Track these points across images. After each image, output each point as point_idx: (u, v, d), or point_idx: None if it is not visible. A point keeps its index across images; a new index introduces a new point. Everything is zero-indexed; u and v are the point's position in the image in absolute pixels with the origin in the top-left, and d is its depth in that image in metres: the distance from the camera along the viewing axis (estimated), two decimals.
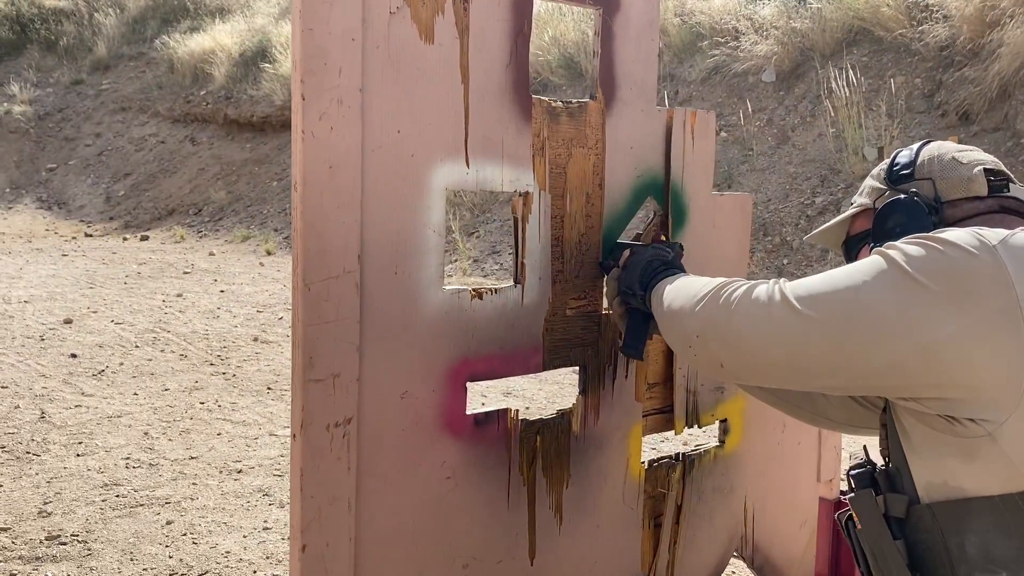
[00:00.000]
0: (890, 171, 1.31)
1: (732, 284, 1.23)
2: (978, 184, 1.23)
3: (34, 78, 15.72)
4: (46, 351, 5.17)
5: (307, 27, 1.36)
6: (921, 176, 1.26)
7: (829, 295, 1.08)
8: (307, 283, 1.43)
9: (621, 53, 1.69)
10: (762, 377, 1.20)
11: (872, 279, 1.05)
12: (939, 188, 1.24)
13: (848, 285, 1.08)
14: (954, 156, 1.27)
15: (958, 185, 1.23)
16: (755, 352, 1.15)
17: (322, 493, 1.47)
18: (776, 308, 1.12)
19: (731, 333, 1.18)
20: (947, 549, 0.99)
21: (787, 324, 1.11)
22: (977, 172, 1.23)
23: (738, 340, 1.17)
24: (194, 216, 12.11)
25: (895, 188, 1.28)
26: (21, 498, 3.03)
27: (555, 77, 10.02)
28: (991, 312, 0.96)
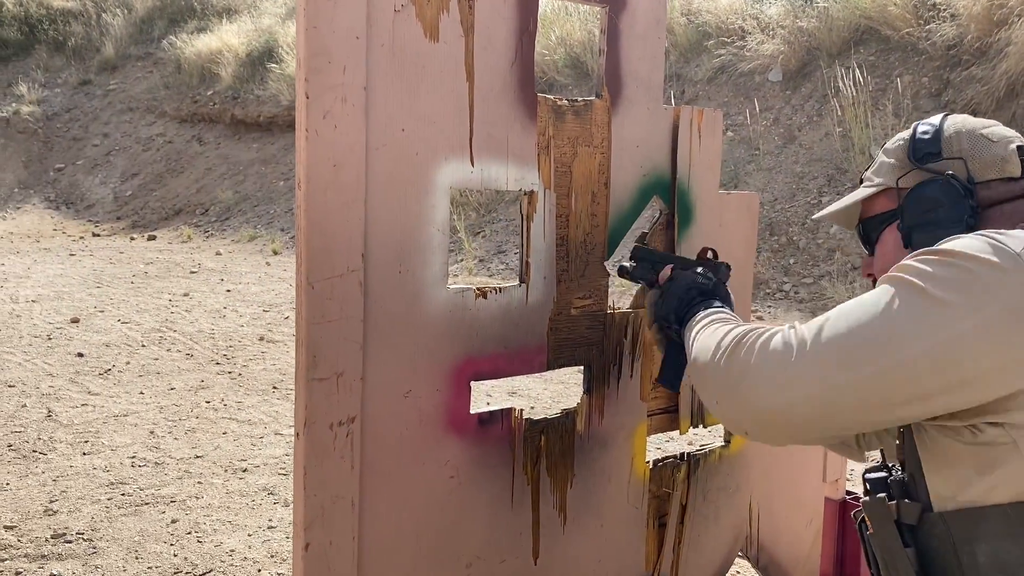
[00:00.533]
0: (913, 148, 1.19)
1: (748, 339, 1.10)
2: (1013, 164, 1.13)
3: (42, 78, 15.77)
4: (53, 350, 5.19)
5: (311, 25, 1.36)
6: (951, 155, 1.16)
7: (853, 343, 0.98)
8: (311, 281, 1.43)
9: (627, 51, 1.68)
10: (790, 437, 1.07)
11: (895, 314, 0.96)
12: (971, 168, 1.14)
13: (871, 326, 0.98)
14: (983, 133, 1.17)
15: (992, 164, 1.14)
16: (778, 416, 1.03)
17: (325, 492, 1.47)
18: (797, 367, 1.02)
19: (751, 400, 1.06)
20: (958, 557, 0.98)
21: (811, 383, 1.00)
22: (1012, 150, 1.14)
23: (758, 406, 1.05)
24: (201, 216, 12.14)
25: (922, 167, 1.17)
26: (27, 496, 3.04)
27: (561, 77, 10.01)
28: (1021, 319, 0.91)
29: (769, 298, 6.37)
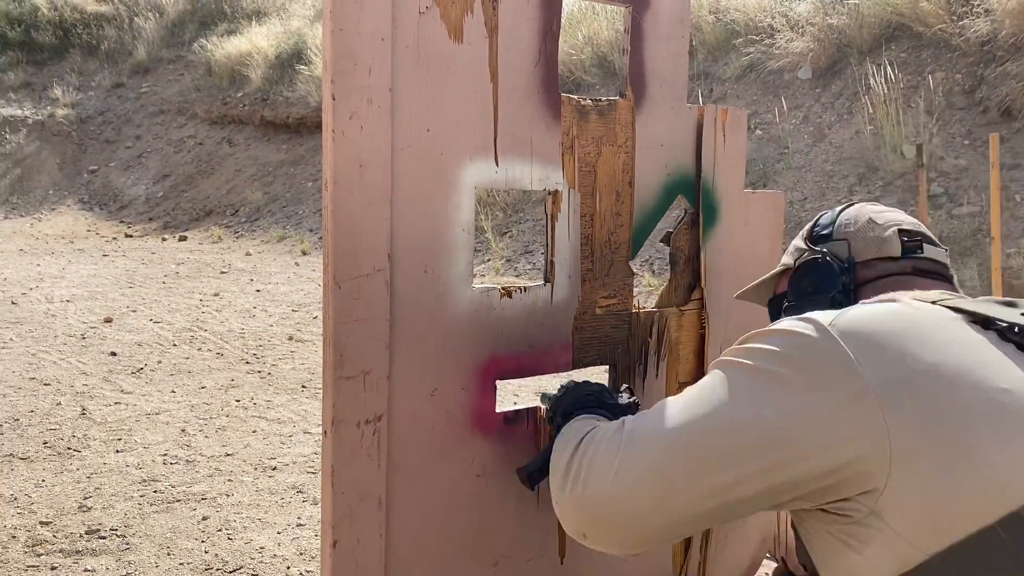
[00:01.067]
0: (811, 231, 1.32)
1: (595, 435, 1.11)
2: (891, 245, 1.22)
3: (76, 82, 16.04)
4: (87, 349, 5.28)
5: (337, 28, 1.38)
6: (838, 236, 1.26)
7: (679, 426, 0.99)
8: (338, 281, 1.44)
9: (651, 51, 1.68)
10: (633, 536, 1.03)
11: (719, 396, 0.98)
12: (853, 248, 1.24)
13: (696, 410, 0.99)
14: (871, 217, 1.26)
15: (871, 245, 1.23)
16: (611, 508, 1.02)
17: (353, 489, 1.49)
18: (625, 455, 1.01)
19: (584, 494, 1.06)
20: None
21: (640, 469, 1.00)
22: (891, 233, 1.23)
23: (590, 498, 1.05)
24: (231, 217, 12.28)
25: (813, 248, 1.29)
26: (62, 493, 3.09)
27: (588, 76, 9.99)
28: (845, 395, 0.90)
29: None
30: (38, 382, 4.53)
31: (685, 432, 0.99)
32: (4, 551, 2.64)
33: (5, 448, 3.54)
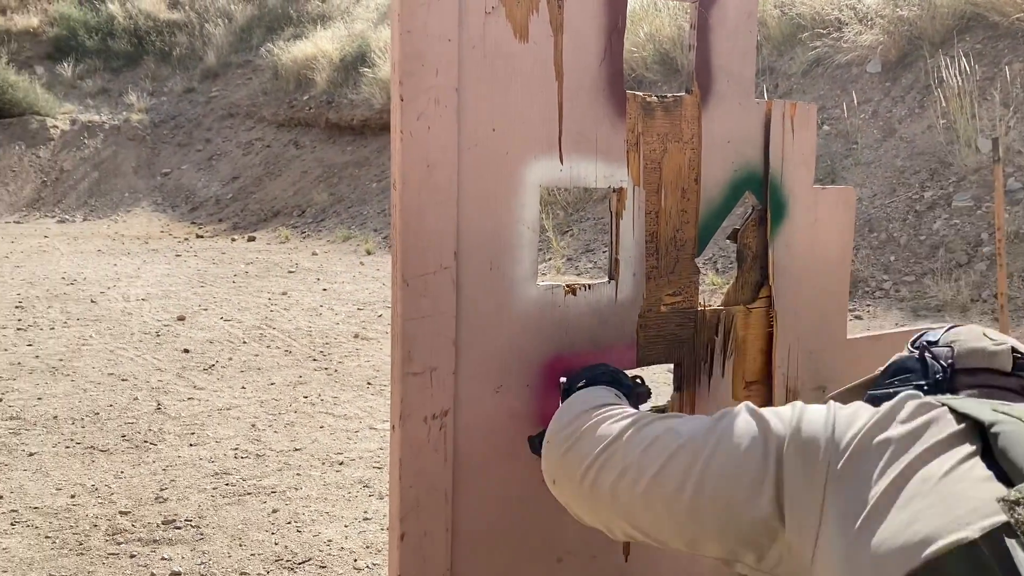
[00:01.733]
0: (915, 339, 1.29)
1: (611, 412, 1.18)
2: (1001, 358, 1.16)
3: (150, 87, 16.58)
4: (161, 346, 5.46)
5: (405, 29, 1.40)
6: (944, 343, 1.22)
7: (668, 439, 1.05)
8: (405, 279, 1.47)
9: (718, 46, 1.66)
10: (585, 503, 1.14)
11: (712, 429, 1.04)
12: (957, 354, 1.19)
13: (687, 433, 1.05)
14: (984, 331, 1.22)
15: (978, 354, 1.17)
16: (578, 470, 1.11)
17: (420, 483, 1.51)
18: (625, 440, 1.09)
19: (572, 447, 1.16)
20: None
21: (625, 457, 1.07)
22: (1003, 348, 1.17)
23: (571, 453, 1.15)
24: (298, 217, 12.53)
25: (911, 349, 1.26)
26: (140, 484, 3.21)
27: (650, 73, 9.92)
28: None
29: (868, 297, 6.16)
30: (116, 377, 4.70)
31: (663, 445, 1.05)
32: (86, 539, 2.76)
33: (86, 441, 3.69)
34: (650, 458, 1.04)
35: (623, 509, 1.06)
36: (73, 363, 4.98)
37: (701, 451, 1.00)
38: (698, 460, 0.99)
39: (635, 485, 1.04)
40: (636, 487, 1.03)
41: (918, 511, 0.77)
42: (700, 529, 0.97)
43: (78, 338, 5.62)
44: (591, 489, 1.10)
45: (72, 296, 7.15)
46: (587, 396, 1.30)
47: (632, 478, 1.04)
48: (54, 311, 6.49)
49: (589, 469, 1.10)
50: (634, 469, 1.05)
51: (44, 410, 4.10)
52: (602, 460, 1.10)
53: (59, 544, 2.71)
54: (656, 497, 1.01)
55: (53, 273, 8.34)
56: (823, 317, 1.98)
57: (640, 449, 1.06)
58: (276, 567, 2.56)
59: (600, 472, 1.09)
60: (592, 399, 1.27)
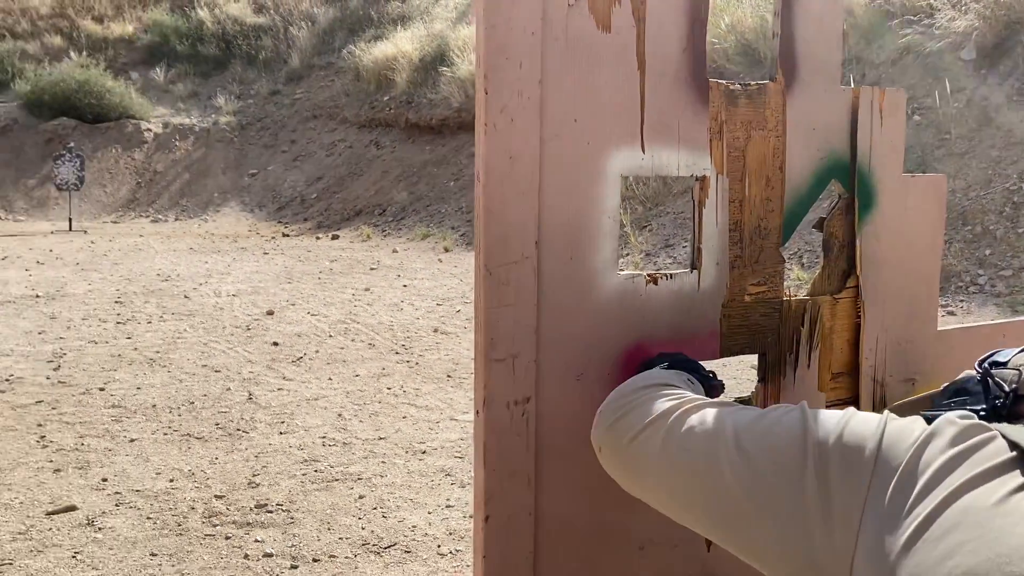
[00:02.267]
0: (985, 358, 1.21)
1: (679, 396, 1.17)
2: None
3: (237, 91, 17.13)
4: (252, 339, 5.66)
5: (490, 24, 1.43)
6: (1012, 366, 1.14)
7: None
8: (488, 268, 1.50)
9: (803, 32, 1.64)
10: (627, 470, 1.16)
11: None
12: (1022, 381, 1.10)
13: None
14: None
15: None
16: (625, 439, 1.12)
17: (503, 467, 1.54)
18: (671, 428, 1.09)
19: (620, 418, 1.17)
20: None
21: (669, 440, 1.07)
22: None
23: (620, 424, 1.16)
24: (379, 216, 12.78)
25: (977, 368, 1.18)
26: (233, 470, 3.35)
27: (732, 65, 9.75)
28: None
29: (961, 292, 5.94)
30: (209, 369, 4.90)
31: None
32: (184, 520, 2.89)
33: (183, 428, 3.86)
34: (694, 438, 1.04)
35: (661, 483, 1.07)
36: (169, 355, 5.21)
37: (743, 436, 0.99)
38: (740, 444, 0.98)
39: (673, 459, 1.05)
40: (673, 461, 1.05)
41: (959, 543, 0.73)
42: (733, 513, 0.95)
43: (173, 331, 5.87)
44: (633, 460, 1.12)
45: (167, 292, 7.47)
46: (652, 374, 1.32)
47: (671, 453, 1.06)
48: (151, 306, 6.80)
49: (633, 440, 1.12)
50: (675, 445, 1.06)
51: (143, 399, 4.30)
52: (648, 433, 1.11)
53: (160, 525, 2.86)
54: (692, 474, 1.01)
55: (149, 270, 8.73)
56: (913, 308, 1.93)
57: (684, 428, 1.07)
58: (363, 551, 2.64)
59: (643, 444, 1.11)
60: (655, 377, 1.30)
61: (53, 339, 5.58)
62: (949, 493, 0.77)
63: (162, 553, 2.66)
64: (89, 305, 6.77)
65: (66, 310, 6.53)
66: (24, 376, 4.69)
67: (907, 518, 0.78)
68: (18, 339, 5.56)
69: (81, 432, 3.80)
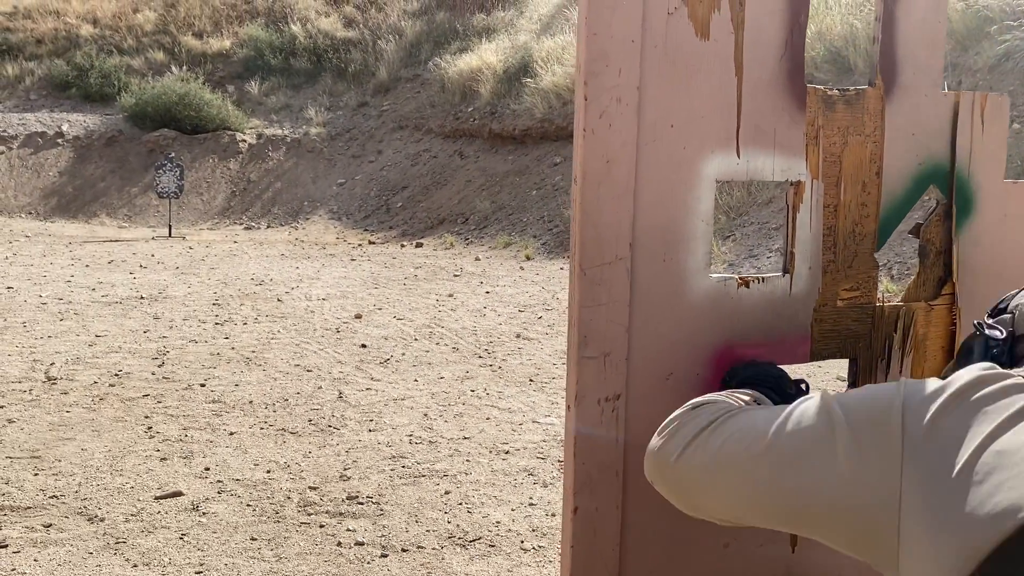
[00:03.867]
0: (995, 305, 1.24)
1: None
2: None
3: (327, 102, 17.65)
4: (341, 341, 5.84)
5: (591, 32, 1.49)
6: (1011, 310, 1.17)
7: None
8: (583, 268, 1.56)
9: (904, 36, 1.65)
10: (687, 487, 1.15)
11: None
12: (1017, 321, 1.13)
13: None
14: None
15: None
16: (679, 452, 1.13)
17: (592, 460, 1.59)
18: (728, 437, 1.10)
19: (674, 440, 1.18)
20: None
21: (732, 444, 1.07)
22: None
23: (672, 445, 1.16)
24: (461, 224, 12.98)
25: (983, 322, 1.20)
26: (326, 464, 3.48)
27: (820, 72, 9.58)
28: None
29: None
30: (302, 368, 5.09)
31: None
32: (281, 509, 3.03)
33: (278, 423, 4.03)
34: (732, 442, 1.06)
35: (712, 492, 1.08)
36: (264, 354, 5.43)
37: (776, 429, 1.01)
38: (775, 435, 1.00)
39: (716, 466, 1.07)
40: (717, 467, 1.06)
41: (1000, 483, 0.77)
42: (780, 499, 0.98)
43: (267, 332, 6.11)
44: (682, 479, 1.14)
45: (261, 295, 7.77)
46: (710, 396, 1.31)
47: (713, 461, 1.08)
48: (246, 308, 7.08)
49: (678, 460, 1.13)
50: (715, 452, 1.08)
51: (241, 395, 4.50)
52: (690, 450, 1.12)
53: (259, 512, 3.00)
54: (739, 473, 1.03)
55: (243, 274, 9.08)
56: None
57: (723, 438, 1.08)
58: (449, 543, 2.72)
59: (688, 460, 1.12)
60: (711, 398, 1.29)
61: (157, 338, 5.88)
62: (982, 440, 0.81)
63: (261, 538, 2.80)
64: (189, 307, 7.09)
65: (168, 311, 6.86)
66: (132, 371, 4.96)
67: (946, 470, 0.82)
68: (125, 337, 5.88)
69: (184, 424, 4.00)
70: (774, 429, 1.01)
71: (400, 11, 18.79)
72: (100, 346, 5.59)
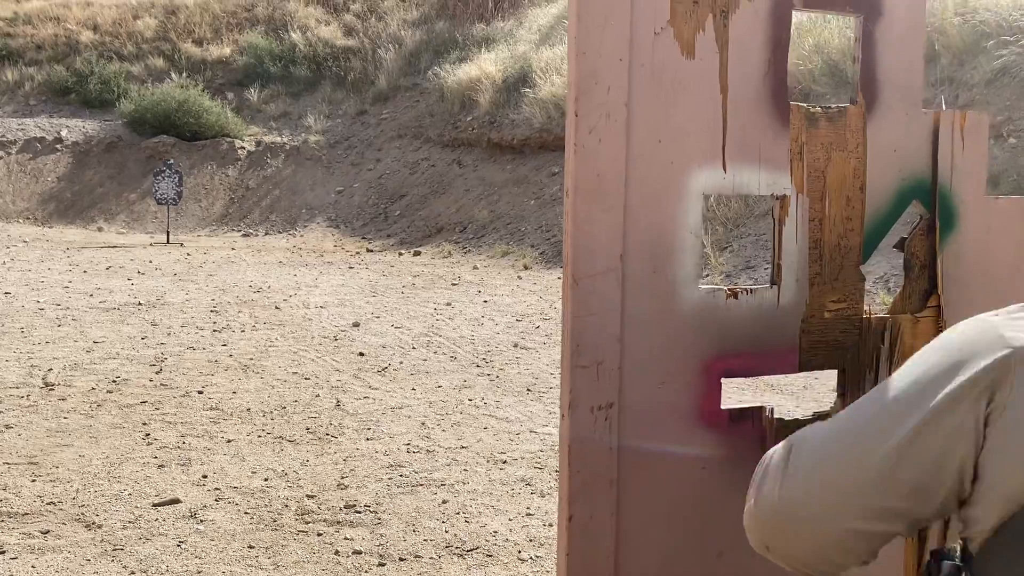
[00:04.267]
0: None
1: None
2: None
3: (326, 110, 17.71)
4: (339, 349, 5.88)
5: (581, 51, 1.53)
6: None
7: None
8: (576, 279, 1.59)
9: (883, 58, 1.70)
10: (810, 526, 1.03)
11: None
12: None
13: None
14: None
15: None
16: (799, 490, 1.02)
17: (586, 469, 1.63)
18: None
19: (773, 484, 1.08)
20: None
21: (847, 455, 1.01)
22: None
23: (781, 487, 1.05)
24: (460, 233, 13.02)
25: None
26: (324, 472, 3.51)
27: (818, 85, 9.64)
28: None
29: None
30: (300, 376, 5.12)
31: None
32: (279, 516, 3.06)
33: (275, 431, 4.06)
34: (816, 459, 1.03)
35: (824, 497, 1.01)
36: (262, 362, 5.46)
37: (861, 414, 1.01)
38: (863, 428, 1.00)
39: (817, 483, 1.01)
40: (819, 484, 1.01)
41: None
42: (895, 486, 0.97)
43: (265, 340, 6.14)
44: (787, 512, 1.04)
45: (259, 302, 7.80)
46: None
47: (813, 464, 1.03)
48: (244, 315, 7.12)
49: (782, 488, 1.05)
50: (814, 457, 1.03)
51: (239, 403, 4.53)
52: (789, 473, 1.05)
53: (256, 520, 3.03)
54: (849, 461, 1.00)
55: (241, 281, 9.11)
56: None
57: (810, 448, 1.04)
58: (447, 552, 2.75)
59: (793, 475, 1.04)
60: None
61: (155, 344, 5.91)
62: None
63: (259, 546, 2.83)
64: (187, 313, 7.12)
65: (166, 318, 6.89)
66: (130, 378, 4.99)
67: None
68: (123, 343, 5.91)
69: (182, 431, 4.03)
70: (863, 423, 0.99)
71: (400, 20, 18.88)
72: (98, 352, 5.62)
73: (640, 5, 1.54)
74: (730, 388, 1.70)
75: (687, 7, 1.57)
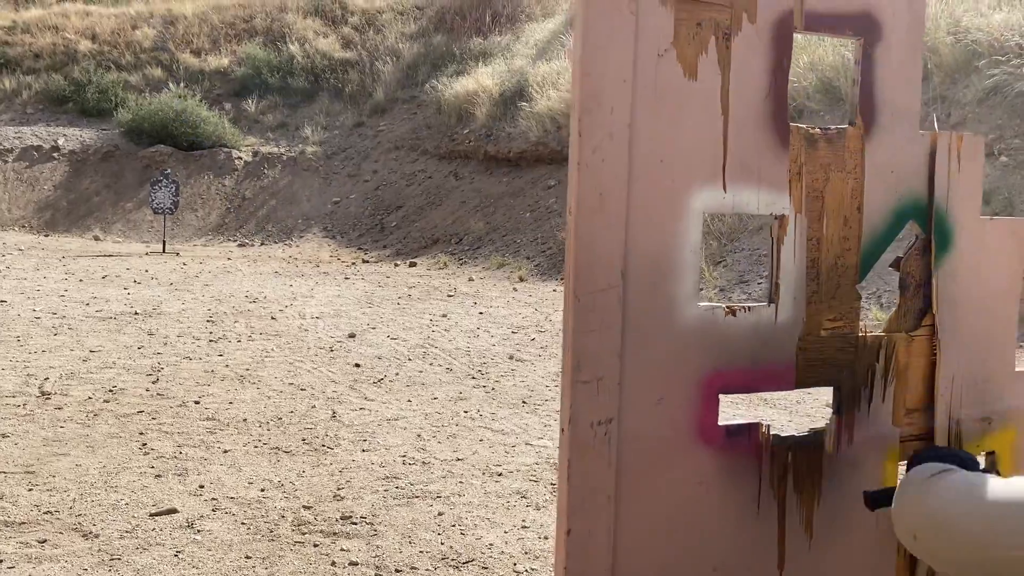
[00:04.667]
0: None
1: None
2: None
3: (323, 122, 17.76)
4: (335, 360, 5.88)
5: (585, 72, 1.56)
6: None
7: None
8: (577, 295, 1.62)
9: (882, 80, 1.73)
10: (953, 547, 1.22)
11: None
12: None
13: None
14: None
15: None
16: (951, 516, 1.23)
17: (585, 484, 1.64)
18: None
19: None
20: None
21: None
22: None
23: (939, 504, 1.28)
24: (456, 245, 13.05)
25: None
26: (319, 483, 3.52)
27: (812, 103, 9.72)
28: None
29: None
30: (295, 387, 5.13)
31: None
32: (276, 527, 3.06)
33: (272, 442, 4.07)
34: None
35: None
36: (258, 372, 5.46)
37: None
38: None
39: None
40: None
41: None
42: None
43: (261, 350, 6.15)
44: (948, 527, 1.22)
45: (255, 313, 7.80)
46: (933, 465, 1.43)
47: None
48: (240, 326, 7.12)
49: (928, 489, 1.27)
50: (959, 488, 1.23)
51: (235, 413, 4.54)
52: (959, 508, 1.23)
53: (253, 530, 3.03)
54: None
55: (237, 291, 9.11)
56: (989, 348, 1.96)
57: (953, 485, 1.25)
58: (443, 564, 2.76)
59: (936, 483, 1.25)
60: (938, 466, 1.41)
61: (151, 354, 5.91)
62: None
63: (256, 556, 2.83)
64: (183, 323, 7.12)
65: (162, 327, 6.89)
66: (126, 387, 4.99)
67: None
68: (120, 353, 5.91)
69: (179, 441, 4.03)
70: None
71: (398, 33, 18.96)
72: (94, 361, 5.61)
73: (644, 27, 1.57)
74: (724, 402, 1.72)
75: (691, 29, 1.60)
